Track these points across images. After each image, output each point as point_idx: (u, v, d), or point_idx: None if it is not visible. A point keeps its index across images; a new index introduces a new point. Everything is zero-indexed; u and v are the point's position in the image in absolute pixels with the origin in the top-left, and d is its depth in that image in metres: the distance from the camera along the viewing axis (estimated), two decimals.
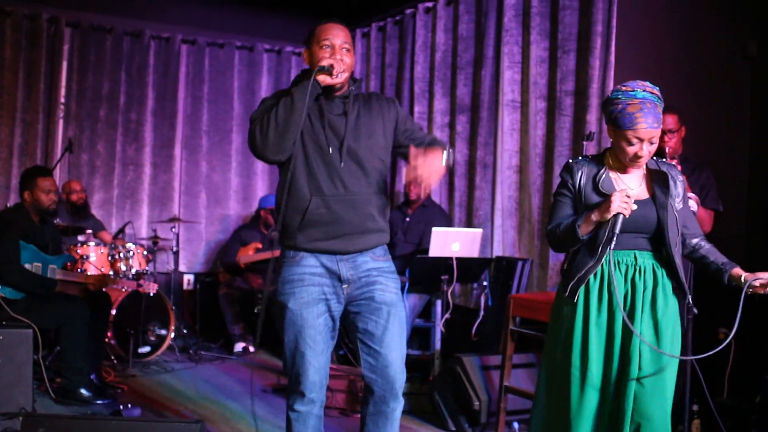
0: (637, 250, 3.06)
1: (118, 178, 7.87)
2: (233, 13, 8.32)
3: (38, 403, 4.95)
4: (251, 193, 8.43)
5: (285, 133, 3.02)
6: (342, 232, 3.11)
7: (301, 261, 3.14)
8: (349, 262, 3.15)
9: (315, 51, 3.14)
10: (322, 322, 3.13)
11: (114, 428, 3.06)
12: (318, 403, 3.20)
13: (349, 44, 3.15)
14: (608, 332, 3.05)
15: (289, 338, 3.14)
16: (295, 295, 3.11)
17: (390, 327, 3.17)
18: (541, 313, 4.29)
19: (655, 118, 2.93)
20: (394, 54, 7.32)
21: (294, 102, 3.00)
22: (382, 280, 3.19)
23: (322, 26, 3.17)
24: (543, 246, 5.67)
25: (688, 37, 5.52)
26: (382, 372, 3.18)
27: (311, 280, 3.12)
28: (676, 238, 3.02)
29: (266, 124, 3.02)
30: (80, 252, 6.12)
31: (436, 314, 5.62)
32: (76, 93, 7.63)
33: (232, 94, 8.36)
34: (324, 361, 3.16)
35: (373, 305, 3.17)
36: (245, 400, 5.41)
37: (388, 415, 3.24)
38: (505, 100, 5.95)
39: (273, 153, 3.05)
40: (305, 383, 3.15)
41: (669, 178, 3.04)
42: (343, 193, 3.09)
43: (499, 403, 4.52)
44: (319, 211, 3.08)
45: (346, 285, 3.16)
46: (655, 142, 2.98)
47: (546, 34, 5.72)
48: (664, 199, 3.02)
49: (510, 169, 5.96)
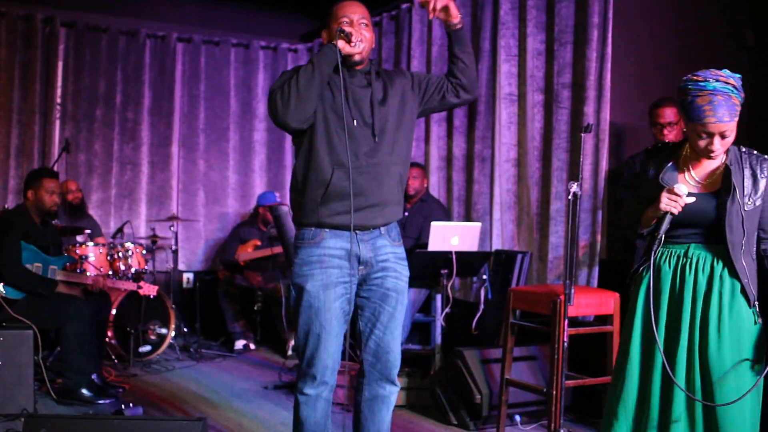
0: (693, 244, 2.96)
1: (116, 178, 7.86)
2: (228, 10, 8.31)
3: (40, 404, 4.95)
4: (249, 190, 8.42)
5: (307, 97, 3.02)
6: (365, 204, 3.10)
7: (321, 242, 3.12)
8: (369, 243, 3.16)
9: (333, 29, 3.15)
10: (339, 306, 3.13)
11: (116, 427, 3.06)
12: (329, 387, 3.20)
13: (368, 20, 3.18)
14: (651, 331, 2.98)
15: (303, 320, 3.13)
16: (314, 277, 3.10)
17: (396, 315, 3.23)
18: (541, 306, 4.29)
19: (728, 110, 2.78)
20: (390, 49, 7.31)
21: (314, 66, 3.02)
22: (398, 268, 3.24)
23: (340, 4, 3.21)
24: (542, 239, 5.67)
25: (685, 28, 5.52)
26: (383, 357, 3.23)
27: (330, 262, 3.11)
28: (741, 238, 2.86)
29: (287, 90, 3.01)
30: (79, 252, 6.12)
31: (436, 308, 5.62)
32: (72, 93, 7.62)
33: (228, 92, 8.35)
34: (338, 346, 3.17)
35: (384, 292, 3.20)
36: (247, 397, 5.41)
37: (384, 399, 3.27)
38: (502, 94, 5.94)
39: (295, 120, 3.05)
40: (318, 366, 3.14)
41: (749, 173, 2.90)
42: (365, 166, 3.09)
43: (500, 396, 4.52)
44: (342, 184, 3.06)
45: (362, 267, 3.17)
46: (729, 135, 2.83)
47: (542, 26, 5.71)
48: (729, 195, 2.88)
49: (508, 163, 5.95)
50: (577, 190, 3.61)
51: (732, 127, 2.83)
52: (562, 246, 5.46)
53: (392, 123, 3.17)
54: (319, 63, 3.03)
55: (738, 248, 2.87)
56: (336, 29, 3.08)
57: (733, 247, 2.87)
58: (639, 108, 5.12)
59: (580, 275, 5.26)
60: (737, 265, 2.86)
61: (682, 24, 5.50)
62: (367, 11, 3.21)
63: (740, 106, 2.83)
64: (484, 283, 5.68)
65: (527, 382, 4.63)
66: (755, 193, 2.88)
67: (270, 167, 8.50)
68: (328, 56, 3.05)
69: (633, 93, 5.40)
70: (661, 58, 5.32)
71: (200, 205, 8.26)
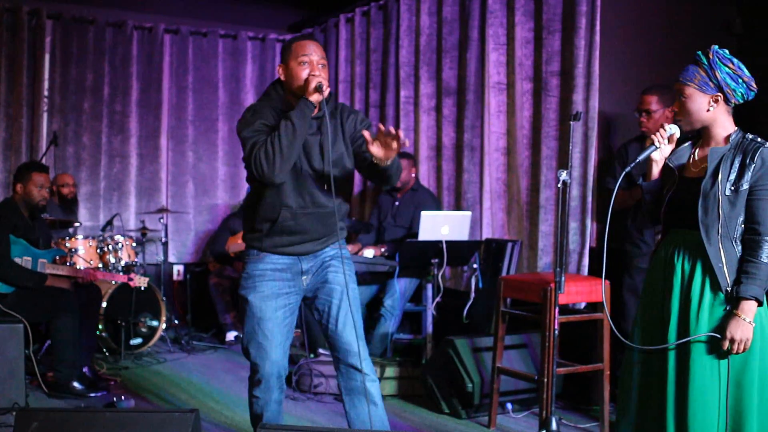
0: (687, 229, 3.00)
1: (105, 170, 7.83)
2: (216, 1, 8.27)
3: (31, 398, 4.94)
4: (239, 182, 8.40)
5: (290, 158, 3.16)
6: (308, 239, 3.34)
7: (264, 258, 3.36)
8: (309, 256, 3.38)
9: (293, 67, 3.27)
10: (281, 315, 3.34)
11: (108, 420, 3.05)
12: (276, 391, 3.39)
13: (325, 60, 3.29)
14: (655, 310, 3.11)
15: (247, 330, 3.39)
16: (256, 289, 3.36)
17: (343, 306, 3.35)
18: (532, 294, 4.31)
19: (689, 75, 2.97)
20: (378, 39, 7.29)
21: (296, 129, 3.13)
22: (335, 263, 3.39)
23: (299, 42, 3.31)
24: (532, 227, 5.68)
25: (672, 15, 5.52)
26: (342, 348, 3.35)
27: (272, 276, 3.35)
28: (717, 222, 2.89)
29: (272, 151, 3.12)
30: (69, 245, 6.10)
31: (427, 298, 5.63)
32: (59, 85, 7.58)
33: (216, 83, 8.32)
34: (281, 354, 3.36)
35: (327, 287, 3.38)
36: (239, 388, 5.41)
37: (359, 390, 3.35)
38: (491, 83, 5.94)
39: (280, 177, 3.19)
40: (262, 372, 3.36)
41: (740, 159, 2.91)
42: (310, 208, 3.30)
43: (491, 384, 4.54)
44: (287, 223, 3.29)
45: (305, 276, 3.38)
46: (686, 101, 2.98)
47: (531, 14, 5.70)
48: (710, 177, 2.92)
49: (497, 151, 5.95)
50: (566, 178, 3.61)
51: (688, 93, 2.97)
52: (552, 234, 5.47)
53: (339, 167, 3.33)
54: (300, 122, 3.14)
55: (713, 232, 2.90)
56: (313, 85, 3.15)
57: (707, 229, 2.91)
58: (627, 95, 5.13)
59: (570, 263, 5.27)
60: (710, 249, 2.90)
61: (670, 11, 5.50)
62: (323, 51, 3.32)
63: (706, 79, 2.94)
64: (475, 271, 5.69)
65: (518, 370, 4.65)
66: (740, 178, 2.89)
67: None
68: (307, 114, 3.17)
69: (621, 80, 5.40)
70: (649, 46, 5.32)
71: (190, 196, 8.24)
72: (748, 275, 2.85)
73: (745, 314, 2.84)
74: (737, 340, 2.83)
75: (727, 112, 3.01)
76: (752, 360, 2.89)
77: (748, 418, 2.88)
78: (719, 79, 2.92)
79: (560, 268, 3.76)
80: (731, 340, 2.84)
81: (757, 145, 2.91)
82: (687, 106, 2.98)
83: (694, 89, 2.96)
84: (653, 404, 3.03)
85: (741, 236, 2.91)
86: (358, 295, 3.45)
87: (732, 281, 2.89)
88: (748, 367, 2.89)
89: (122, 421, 3.04)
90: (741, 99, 2.98)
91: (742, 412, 2.88)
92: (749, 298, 2.84)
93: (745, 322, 2.84)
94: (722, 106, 2.98)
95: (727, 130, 3.00)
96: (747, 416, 2.88)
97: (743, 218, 2.90)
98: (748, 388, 2.88)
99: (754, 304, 2.85)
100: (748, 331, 2.84)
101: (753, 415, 2.88)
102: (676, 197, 3.02)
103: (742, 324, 2.84)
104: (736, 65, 2.95)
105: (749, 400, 2.88)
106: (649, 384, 3.06)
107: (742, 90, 2.95)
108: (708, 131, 3.03)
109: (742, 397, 2.88)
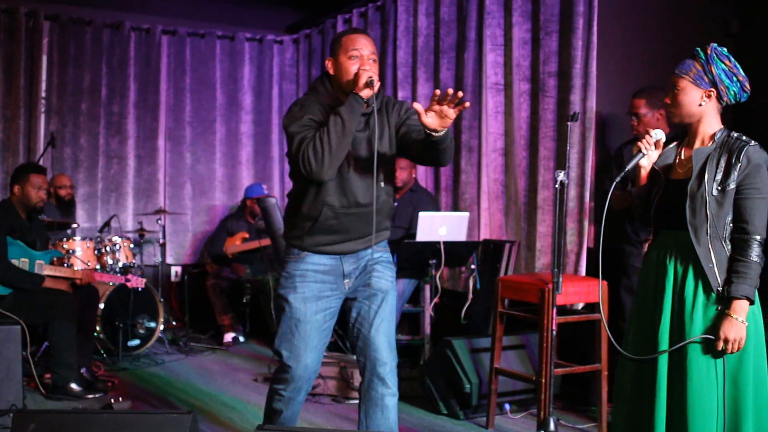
0: (676, 231, 3.00)
1: (102, 172, 7.83)
2: (213, 2, 8.27)
3: (29, 400, 4.93)
4: (236, 183, 8.40)
5: (339, 155, 3.07)
6: (350, 238, 3.25)
7: (306, 258, 3.26)
8: (352, 257, 3.29)
9: (342, 61, 3.17)
10: (321, 319, 3.25)
11: (105, 421, 3.04)
12: (303, 392, 3.33)
13: (376, 55, 3.19)
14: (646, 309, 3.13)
15: (283, 329, 3.27)
16: (297, 290, 3.24)
17: (381, 313, 3.28)
18: (530, 295, 4.30)
19: (684, 68, 3.00)
20: (376, 40, 7.29)
21: (345, 125, 3.03)
22: (379, 268, 3.31)
23: (349, 36, 3.21)
24: (530, 228, 5.68)
25: (669, 15, 5.52)
26: (371, 356, 3.27)
27: (314, 277, 3.25)
28: (705, 222, 2.90)
29: (320, 147, 3.02)
30: (66, 246, 6.10)
31: (425, 299, 5.63)
32: (56, 87, 7.58)
33: (214, 84, 8.32)
34: (315, 357, 3.28)
35: (369, 291, 3.28)
36: (236, 390, 5.40)
37: (377, 401, 3.29)
38: (488, 83, 5.94)
39: (329, 175, 3.10)
40: (293, 374, 3.26)
41: (726, 159, 2.91)
42: (353, 207, 3.20)
43: (489, 385, 4.54)
44: (329, 222, 3.20)
45: (348, 280, 3.29)
46: (679, 94, 3.00)
47: (528, 15, 5.70)
48: (696, 177, 2.94)
49: (495, 152, 5.95)
50: (564, 178, 3.62)
51: (682, 85, 2.99)
52: (549, 235, 5.47)
53: (387, 165, 3.26)
54: (350, 118, 3.04)
55: (702, 232, 2.91)
56: (363, 80, 3.05)
57: (696, 230, 2.92)
58: (624, 96, 5.12)
59: (568, 264, 5.27)
60: (699, 249, 2.91)
61: (667, 11, 5.51)
62: (374, 44, 3.22)
63: (702, 73, 2.96)
64: (473, 272, 5.69)
65: (516, 371, 4.65)
66: (727, 178, 2.89)
67: (257, 159, 8.48)
68: (357, 110, 3.06)
69: (618, 81, 5.41)
70: (646, 46, 5.33)
71: (187, 198, 8.24)
72: (739, 274, 2.85)
73: (737, 314, 2.84)
74: (731, 340, 2.84)
75: (716, 110, 3.02)
76: (746, 358, 2.90)
77: (744, 416, 2.88)
78: (714, 74, 2.94)
79: (558, 269, 3.76)
80: (725, 340, 2.84)
81: (743, 144, 2.91)
82: (680, 98, 3.00)
83: (688, 82, 2.98)
84: (645, 406, 3.04)
85: (730, 236, 2.91)
86: (395, 305, 3.37)
87: (723, 281, 2.89)
88: (742, 366, 2.90)
89: (120, 422, 3.04)
90: (733, 99, 2.98)
91: (738, 411, 2.89)
92: (741, 298, 2.84)
93: (738, 322, 2.84)
94: (714, 102, 2.99)
95: (713, 128, 3.01)
96: (743, 414, 2.89)
97: (731, 217, 2.91)
98: (743, 385, 2.89)
99: (746, 303, 2.85)
100: (742, 331, 2.84)
101: (749, 413, 2.89)
102: (664, 199, 3.04)
103: (735, 324, 2.84)
104: (732, 63, 2.96)
105: (745, 398, 2.89)
106: (642, 385, 3.07)
107: (735, 89, 2.96)
108: (694, 128, 3.04)
109: (738, 396, 2.89)
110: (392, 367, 3.31)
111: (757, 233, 2.87)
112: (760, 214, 2.87)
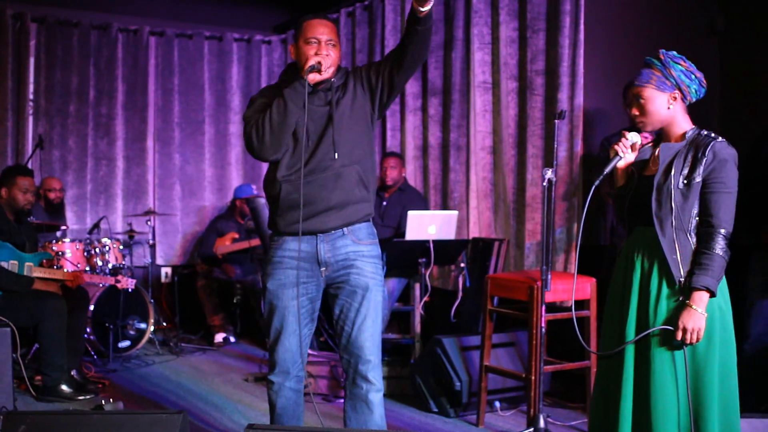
0: (645, 226, 3.05)
1: (91, 173, 7.81)
2: (201, 3, 8.27)
3: (19, 402, 4.92)
4: (226, 183, 8.39)
5: (280, 135, 3.19)
6: (316, 211, 3.24)
7: (283, 244, 3.32)
8: (328, 244, 3.29)
9: (301, 47, 3.26)
10: (296, 305, 3.29)
11: (96, 422, 3.04)
12: (292, 378, 3.37)
13: (335, 39, 3.27)
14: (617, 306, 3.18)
15: (266, 315, 3.39)
16: (274, 276, 3.32)
17: (362, 310, 3.30)
18: (519, 293, 4.32)
19: (644, 77, 3.04)
20: (364, 39, 7.30)
21: (287, 105, 3.16)
22: (359, 264, 3.31)
23: (308, 22, 3.29)
24: (519, 226, 5.70)
25: (655, 14, 5.55)
26: (354, 353, 3.31)
27: (289, 263, 3.30)
28: (670, 214, 2.95)
29: (261, 127, 3.18)
30: (56, 248, 6.08)
31: (415, 297, 5.64)
32: (44, 89, 7.55)
33: (202, 85, 8.30)
34: (295, 341, 3.33)
35: (348, 288, 3.31)
36: (227, 391, 5.41)
37: (362, 397, 3.32)
38: (476, 82, 5.96)
39: (270, 154, 3.23)
40: (276, 358, 3.36)
41: (693, 154, 2.96)
42: (309, 175, 3.22)
43: (480, 383, 4.56)
44: (291, 197, 3.23)
45: (324, 268, 3.31)
46: (645, 104, 3.03)
47: (515, 14, 5.72)
48: (664, 171, 3.00)
49: (483, 151, 5.98)
50: (552, 176, 3.64)
51: (647, 94, 3.03)
52: (538, 232, 5.49)
53: (346, 131, 3.26)
54: (292, 99, 3.16)
55: (667, 224, 2.96)
56: (308, 65, 3.15)
57: (661, 222, 2.97)
58: (611, 93, 5.15)
59: (557, 261, 5.29)
60: (664, 241, 2.95)
61: (653, 9, 5.54)
62: (334, 29, 3.29)
63: (663, 78, 3.01)
64: (462, 271, 5.70)
65: (506, 369, 4.66)
66: (693, 171, 2.94)
67: (246, 160, 8.47)
68: (300, 92, 3.16)
69: (605, 78, 5.43)
70: (633, 44, 5.35)
71: (177, 199, 8.23)
72: (701, 266, 2.89)
73: (696, 305, 2.88)
74: (689, 329, 2.88)
75: (684, 110, 3.08)
76: (713, 351, 2.94)
77: (709, 407, 2.92)
78: (675, 76, 3.00)
79: (546, 266, 3.78)
80: (683, 330, 2.89)
81: (710, 139, 2.96)
82: (647, 107, 3.05)
83: (652, 89, 3.03)
84: (611, 400, 3.09)
85: (696, 229, 2.96)
86: (380, 300, 3.37)
87: (686, 273, 2.94)
88: (709, 358, 2.94)
89: (110, 423, 3.04)
90: (695, 96, 3.05)
91: (703, 403, 2.93)
92: (701, 289, 2.88)
93: (697, 312, 2.88)
94: (680, 103, 3.05)
95: (683, 128, 3.07)
96: (708, 406, 2.92)
97: (697, 211, 2.96)
98: (709, 378, 2.93)
99: (705, 294, 2.89)
100: (700, 321, 2.88)
101: (713, 405, 2.93)
102: (636, 196, 3.09)
103: (694, 314, 2.88)
104: (687, 63, 3.04)
105: (710, 390, 2.93)
106: (610, 380, 3.14)
107: (695, 86, 3.03)
108: (666, 131, 3.10)
109: (702, 387, 2.93)
110: (375, 364, 3.33)
111: (722, 227, 2.91)
112: (726, 208, 2.92)
